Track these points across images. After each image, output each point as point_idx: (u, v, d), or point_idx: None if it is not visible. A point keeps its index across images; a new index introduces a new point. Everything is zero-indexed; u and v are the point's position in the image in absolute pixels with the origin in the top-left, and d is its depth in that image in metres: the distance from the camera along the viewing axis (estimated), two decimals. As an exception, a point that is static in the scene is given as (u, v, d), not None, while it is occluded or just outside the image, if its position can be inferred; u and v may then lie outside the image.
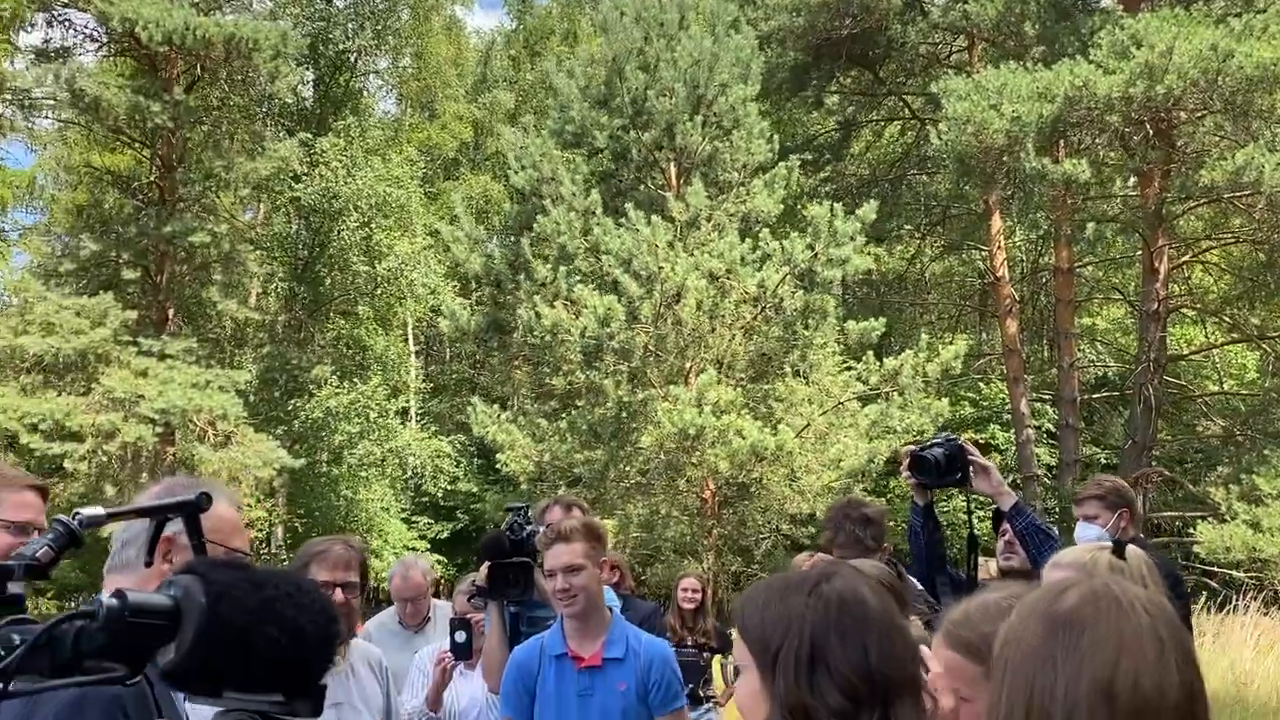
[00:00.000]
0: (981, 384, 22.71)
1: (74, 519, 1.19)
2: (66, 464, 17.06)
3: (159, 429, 17.44)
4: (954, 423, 19.66)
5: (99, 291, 18.75)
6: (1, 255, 20.69)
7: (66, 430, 16.79)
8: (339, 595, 3.12)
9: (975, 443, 3.98)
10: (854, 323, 14.19)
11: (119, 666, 0.85)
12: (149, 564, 2.07)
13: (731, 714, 5.74)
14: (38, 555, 1.13)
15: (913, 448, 3.88)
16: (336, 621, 0.94)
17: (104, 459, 17.23)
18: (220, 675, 0.87)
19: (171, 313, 20.11)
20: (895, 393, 13.82)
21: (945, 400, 14.59)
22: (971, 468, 3.65)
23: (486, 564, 4.01)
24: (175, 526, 2.04)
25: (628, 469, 13.51)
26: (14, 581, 0.90)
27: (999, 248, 19.14)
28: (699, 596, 6.48)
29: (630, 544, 13.20)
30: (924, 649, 1.66)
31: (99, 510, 1.23)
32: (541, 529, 3.98)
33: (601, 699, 3.36)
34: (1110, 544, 2.45)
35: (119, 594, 0.84)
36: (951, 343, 15.99)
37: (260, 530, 21.18)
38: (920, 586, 4.47)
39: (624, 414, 13.22)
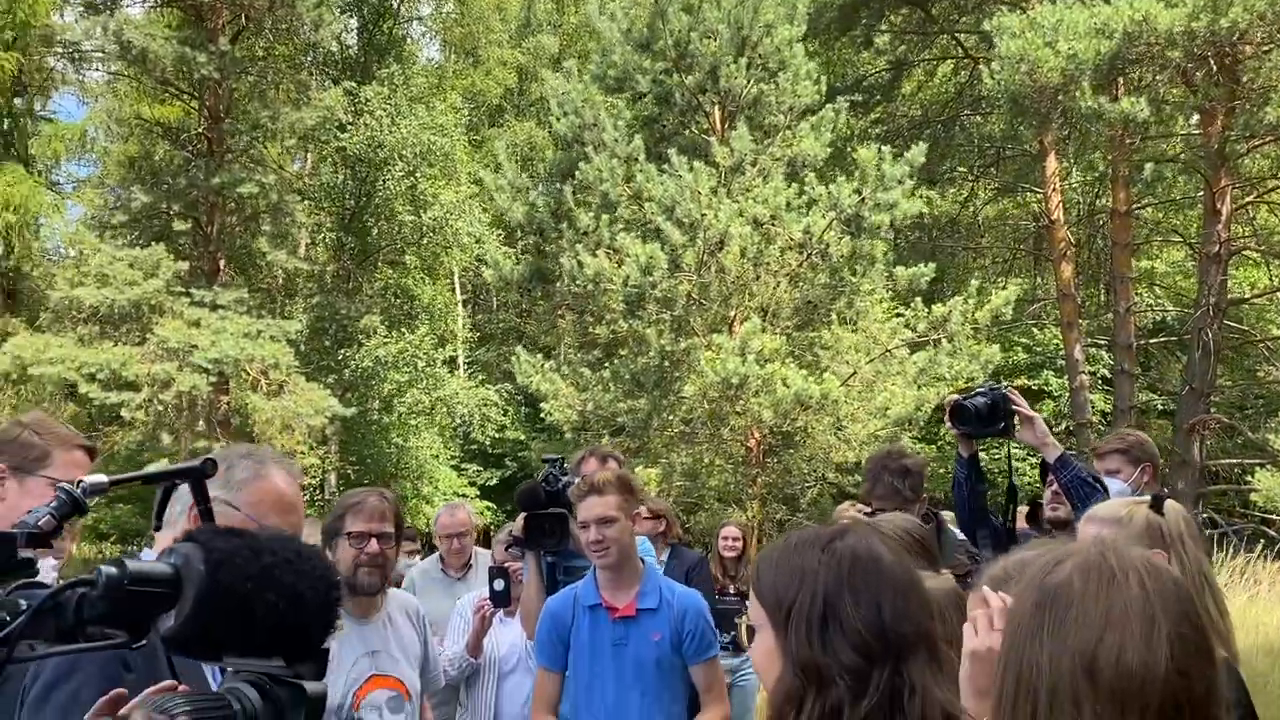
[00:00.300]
0: (1035, 329, 22.32)
1: (77, 487, 1.21)
2: (124, 413, 17.45)
3: (213, 378, 17.76)
4: (1006, 369, 19.41)
5: (151, 243, 19.04)
6: (57, 208, 21.04)
7: (123, 380, 17.15)
8: (374, 545, 3.15)
9: (1023, 392, 3.89)
10: (903, 268, 13.94)
11: (120, 633, 0.85)
12: (158, 529, 2.08)
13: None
14: (39, 523, 1.17)
15: (956, 396, 3.81)
16: (336, 588, 0.95)
17: (160, 408, 17.60)
18: (221, 641, 0.88)
19: (223, 263, 20.37)
20: (944, 339, 13.60)
21: (996, 347, 14.34)
22: (1016, 417, 3.57)
23: (522, 515, 4.03)
24: (216, 491, 2.04)
25: (671, 418, 13.49)
26: (20, 548, 0.89)
27: (1054, 190, 18.66)
28: (740, 545, 6.50)
29: (673, 493, 13.22)
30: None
31: (102, 478, 1.25)
32: (576, 480, 3.98)
33: (636, 648, 3.37)
34: (1149, 499, 2.37)
35: (118, 562, 0.84)
36: (1004, 288, 15.68)
37: (314, 477, 21.60)
38: (962, 537, 4.41)
39: (666, 363, 13.18)
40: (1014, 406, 3.58)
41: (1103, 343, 20.73)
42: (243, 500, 2.04)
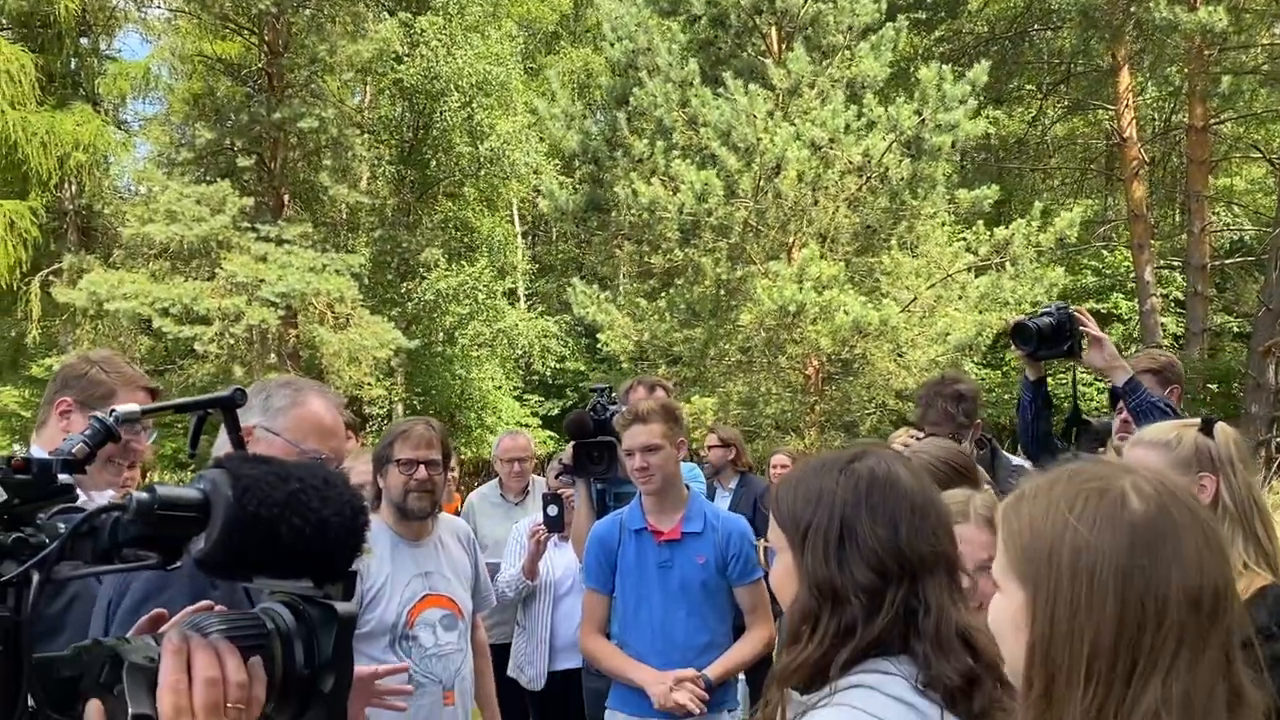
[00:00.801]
0: (1104, 252, 21.74)
1: (110, 415, 1.23)
2: (197, 346, 17.93)
3: (281, 312, 18.14)
4: (1074, 292, 18.97)
5: (217, 179, 19.35)
6: (125, 146, 21.41)
7: (195, 314, 17.59)
8: (422, 471, 3.25)
9: (1094, 314, 3.79)
10: (965, 191, 13.60)
11: (152, 555, 0.89)
12: (192, 455, 2.17)
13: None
14: (74, 451, 1.18)
15: (1021, 318, 3.74)
16: (363, 514, 0.97)
17: (231, 341, 18.04)
18: (249, 563, 0.91)
19: (286, 198, 20.66)
20: (1008, 263, 13.30)
21: (1061, 270, 13.99)
22: (1084, 338, 3.45)
23: (571, 443, 4.12)
24: (256, 417, 2.13)
25: (727, 347, 13.44)
26: (57, 474, 0.94)
27: (1127, 106, 18.01)
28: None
29: (730, 421, 13.23)
30: None
31: (134, 407, 1.28)
32: (624, 409, 4.04)
33: (681, 570, 3.45)
34: (1198, 421, 2.33)
35: (149, 488, 0.88)
36: (1070, 209, 15.25)
37: (381, 408, 22.05)
38: (1017, 462, 4.38)
39: (722, 292, 13.10)
40: (1081, 327, 3.46)
41: (1175, 264, 20.15)
42: (282, 426, 2.12)
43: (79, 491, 2.67)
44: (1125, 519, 1.08)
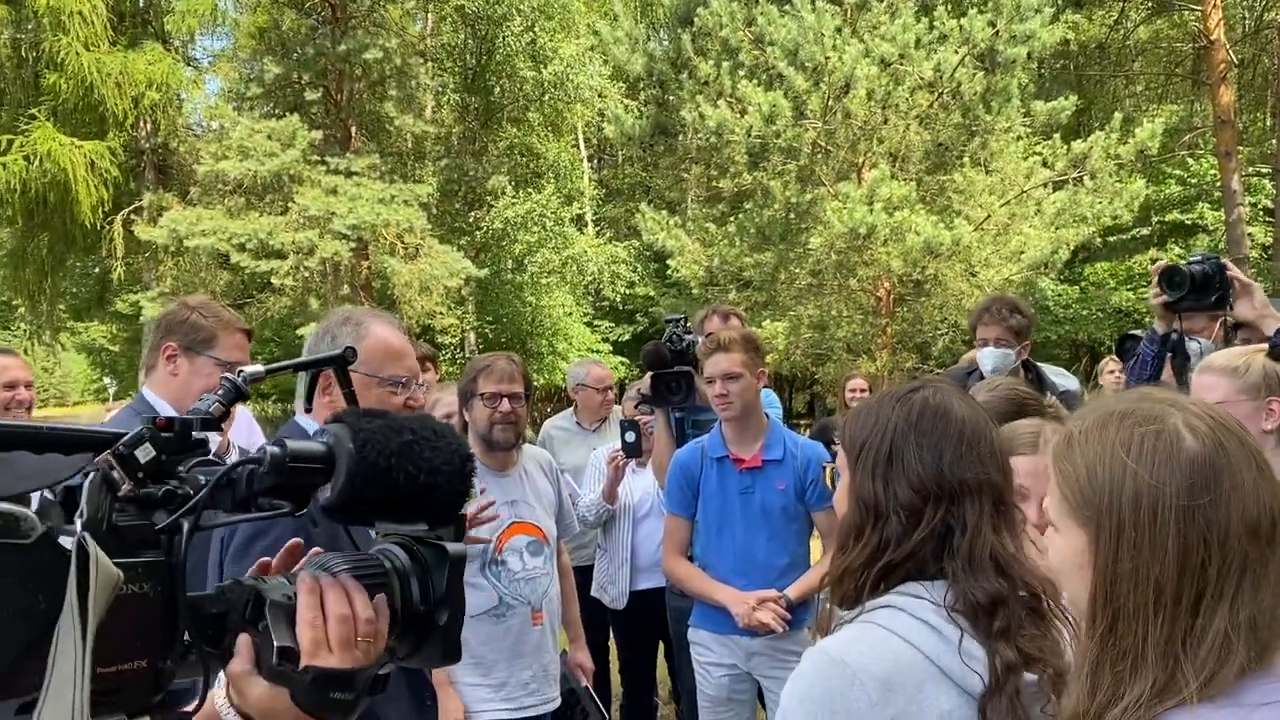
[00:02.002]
0: (1189, 160, 20.93)
1: (238, 375, 1.32)
2: (274, 280, 18.33)
3: (352, 244, 18.42)
4: (1158, 203, 18.38)
5: (286, 113, 19.56)
6: (196, 83, 21.69)
7: (271, 248, 17.94)
8: (506, 404, 3.35)
9: (1176, 227, 3.63)
10: (1041, 103, 13.17)
11: (286, 503, 0.97)
12: (309, 410, 2.28)
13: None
14: (210, 410, 1.26)
15: (1172, 262, 3.60)
16: (470, 460, 1.03)
17: (306, 274, 18.42)
18: (371, 509, 0.99)
19: (354, 130, 20.82)
20: (1086, 177, 12.90)
21: (1141, 183, 13.53)
22: (1233, 288, 3.21)
23: (649, 374, 4.19)
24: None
25: (798, 271, 13.34)
26: (195, 431, 0.99)
27: (1214, 6, 17.14)
28: (866, 395, 6.55)
29: (801, 345, 13.22)
30: None
31: (259, 368, 1.36)
32: (700, 338, 4.09)
33: (761, 496, 3.53)
34: (1266, 346, 2.32)
35: (280, 443, 0.96)
36: (1151, 119, 14.66)
37: (453, 336, 22.38)
38: (1064, 384, 4.32)
39: (792, 215, 12.94)
40: (1230, 274, 3.22)
41: (1264, 171, 19.34)
42: (357, 361, 2.22)
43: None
44: (1183, 458, 1.10)
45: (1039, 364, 4.30)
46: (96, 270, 22.68)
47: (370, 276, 19.86)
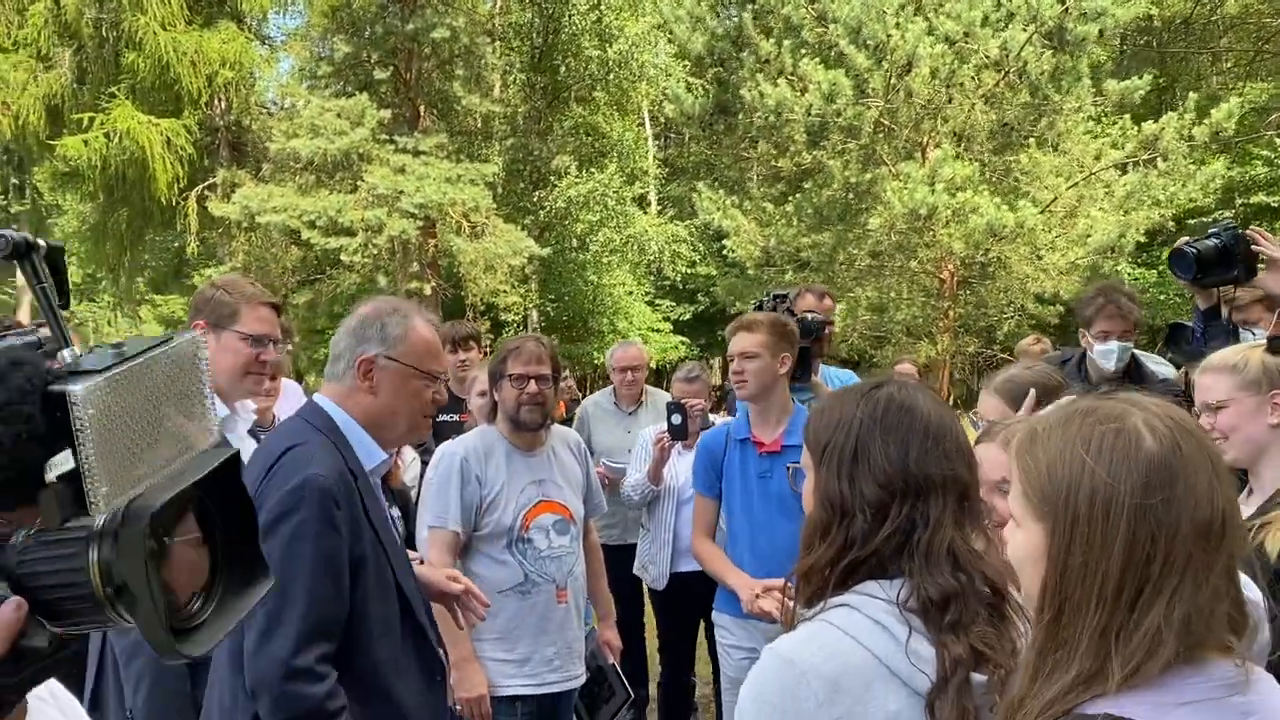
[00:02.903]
0: (1278, 139, 20.12)
1: None
2: (343, 257, 18.66)
3: (419, 222, 18.66)
4: (1241, 184, 17.73)
5: (355, 92, 19.85)
6: (269, 61, 22.10)
7: (340, 226, 18.26)
8: (533, 386, 3.41)
9: (1263, 210, 3.49)
10: (1114, 82, 12.77)
11: None
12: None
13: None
14: None
15: (1180, 242, 3.52)
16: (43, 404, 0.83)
17: (375, 251, 18.72)
18: None
19: (422, 109, 21.05)
20: (1159, 159, 12.50)
21: (1221, 163, 13.06)
22: (1261, 260, 3.13)
23: None
24: (376, 348, 2.30)
25: (856, 252, 13.18)
26: None
27: (1307, -21, 16.47)
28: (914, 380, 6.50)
29: (859, 327, 13.06)
30: None
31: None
32: (809, 316, 4.08)
33: (780, 481, 3.55)
34: (1265, 341, 2.27)
35: None
36: (1236, 98, 14.13)
37: (516, 314, 22.58)
38: (1163, 372, 4.21)
39: (851, 195, 12.77)
40: (1256, 247, 3.15)
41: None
42: (401, 353, 2.30)
43: (225, 407, 2.91)
44: (1141, 458, 1.11)
45: (1136, 352, 4.24)
46: (174, 245, 23.31)
47: (437, 255, 20.12)
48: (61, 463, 0.79)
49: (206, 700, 2.19)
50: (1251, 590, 1.51)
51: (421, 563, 3.86)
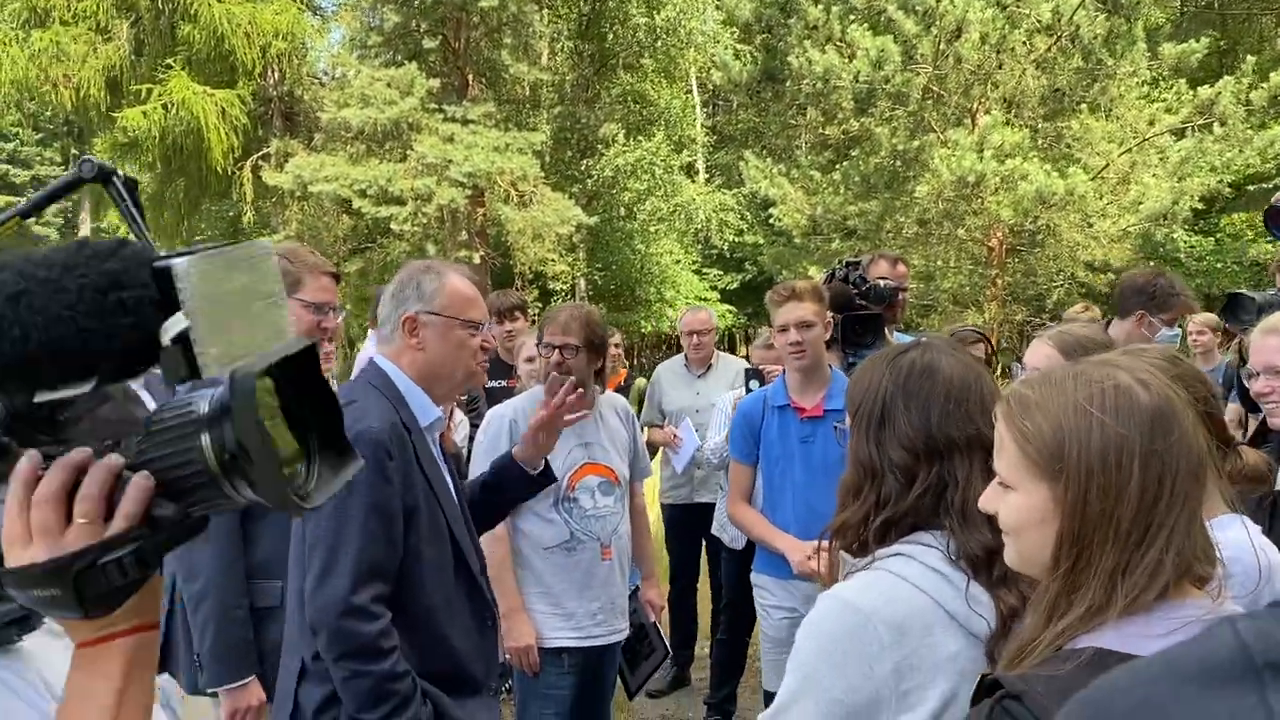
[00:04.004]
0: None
1: None
2: (393, 225, 18.89)
3: (468, 191, 18.81)
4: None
5: (405, 61, 19.99)
6: (320, 32, 22.31)
7: (390, 195, 18.47)
8: (558, 355, 3.49)
9: None
10: (1170, 45, 12.47)
11: None
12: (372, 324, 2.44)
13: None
14: None
15: (1240, 290, 3.47)
16: (120, 287, 0.86)
17: (424, 220, 18.91)
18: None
19: (470, 78, 21.14)
20: (1215, 124, 12.21)
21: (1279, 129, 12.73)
22: None
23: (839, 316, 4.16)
24: (416, 305, 2.43)
25: (903, 220, 13.06)
26: None
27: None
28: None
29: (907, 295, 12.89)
30: None
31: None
32: (877, 281, 4.13)
33: (822, 446, 3.61)
34: None
35: None
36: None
37: (565, 283, 22.71)
38: None
39: (899, 163, 12.65)
40: None
41: None
42: (440, 306, 2.42)
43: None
44: (1143, 408, 1.21)
45: None
46: (229, 214, 23.72)
47: (485, 223, 20.27)
48: (174, 325, 0.85)
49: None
50: (1245, 553, 1.60)
51: None
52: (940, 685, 1.45)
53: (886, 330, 4.06)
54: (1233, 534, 1.64)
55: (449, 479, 2.48)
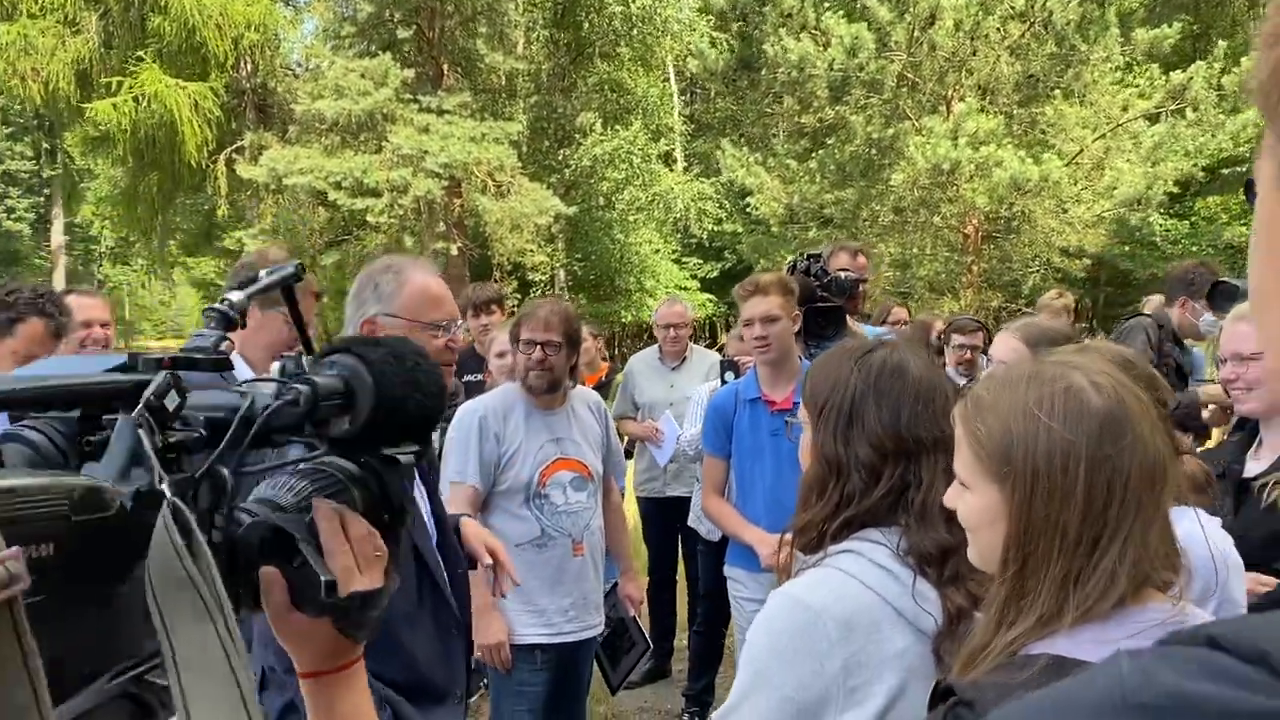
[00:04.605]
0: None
1: (224, 303, 1.20)
2: (369, 218, 18.75)
3: (445, 182, 18.69)
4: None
5: (379, 52, 19.83)
6: (293, 23, 22.13)
7: (366, 186, 18.33)
8: (539, 352, 3.47)
9: None
10: (1143, 31, 12.53)
11: (316, 442, 0.98)
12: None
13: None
14: (215, 345, 1.25)
15: (1226, 279, 3.57)
16: (442, 378, 1.06)
17: (400, 211, 18.79)
18: (381, 438, 1.00)
19: (445, 68, 21.00)
20: (1188, 109, 12.29)
21: (1253, 110, 12.77)
22: None
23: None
24: (374, 308, 2.38)
25: (879, 208, 13.09)
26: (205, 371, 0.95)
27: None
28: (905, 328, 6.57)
29: (882, 283, 12.98)
30: None
31: (240, 294, 1.23)
32: (835, 273, 4.12)
33: (793, 439, 3.60)
34: None
35: (307, 380, 0.95)
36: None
37: (544, 273, 22.64)
38: None
39: (874, 151, 12.67)
40: None
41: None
42: (399, 307, 2.35)
43: (250, 370, 3.03)
44: (1092, 412, 1.20)
45: None
46: (204, 208, 23.52)
47: (462, 214, 20.17)
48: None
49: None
50: (1198, 546, 1.59)
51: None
52: (888, 681, 1.45)
53: (849, 321, 4.05)
54: (1183, 528, 1.64)
55: (417, 483, 2.45)
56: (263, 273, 1.31)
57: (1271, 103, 0.45)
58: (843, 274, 4.07)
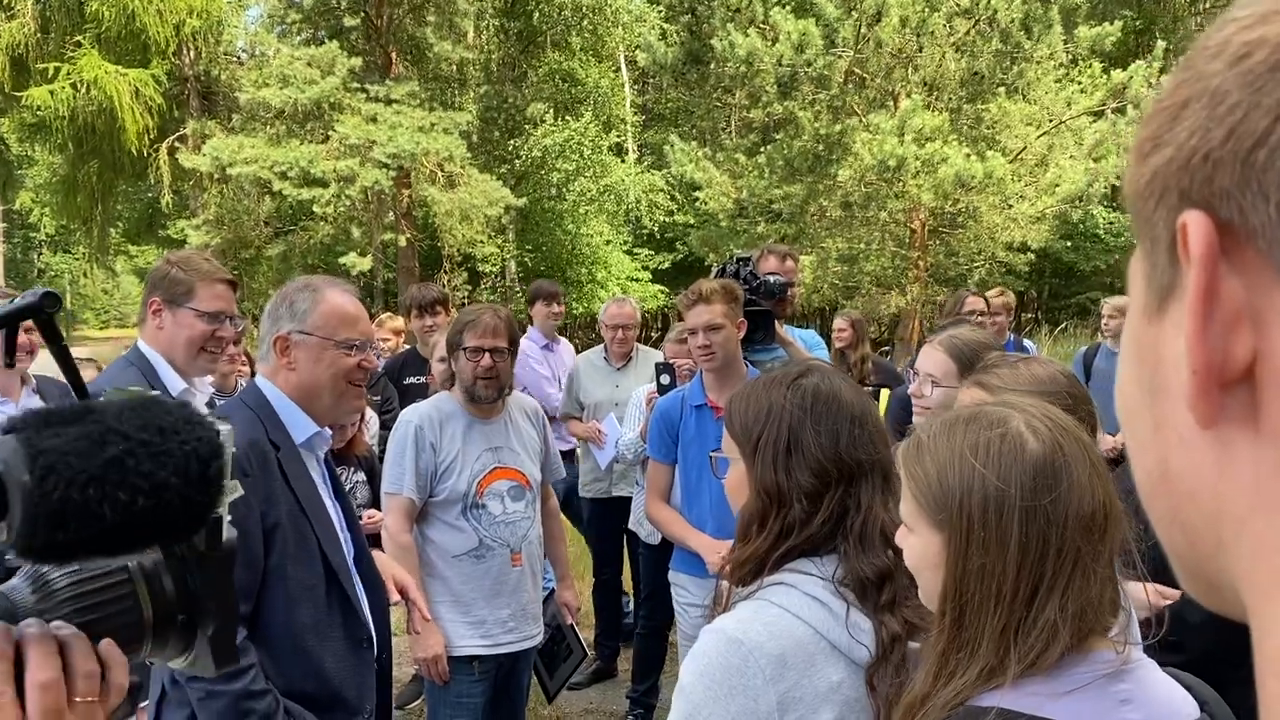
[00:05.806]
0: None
1: None
2: (316, 208, 18.50)
3: (393, 173, 18.49)
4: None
5: (326, 40, 19.55)
6: (236, 9, 21.75)
7: (312, 177, 18.08)
8: (488, 359, 3.44)
9: None
10: (1085, 28, 12.70)
11: None
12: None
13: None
14: None
15: None
16: (218, 456, 0.80)
17: (348, 202, 18.56)
18: (68, 550, 0.74)
19: (394, 57, 20.75)
20: (1129, 106, 12.50)
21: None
22: None
23: None
24: (288, 325, 2.35)
25: (826, 204, 13.16)
26: None
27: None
28: (846, 335, 6.62)
29: (829, 278, 13.09)
30: None
31: None
32: (766, 277, 4.10)
33: (738, 445, 3.59)
34: None
35: None
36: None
37: (494, 265, 22.50)
38: None
39: (821, 147, 12.72)
40: None
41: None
42: (313, 326, 2.35)
43: (183, 382, 2.95)
44: (1027, 460, 1.18)
45: None
46: (147, 196, 23.07)
47: (411, 205, 19.97)
48: (232, 492, 0.83)
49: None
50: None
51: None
52: (823, 715, 1.44)
53: (777, 325, 4.05)
54: None
55: (328, 497, 2.41)
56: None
57: (1145, 214, 0.43)
58: (772, 278, 4.06)
